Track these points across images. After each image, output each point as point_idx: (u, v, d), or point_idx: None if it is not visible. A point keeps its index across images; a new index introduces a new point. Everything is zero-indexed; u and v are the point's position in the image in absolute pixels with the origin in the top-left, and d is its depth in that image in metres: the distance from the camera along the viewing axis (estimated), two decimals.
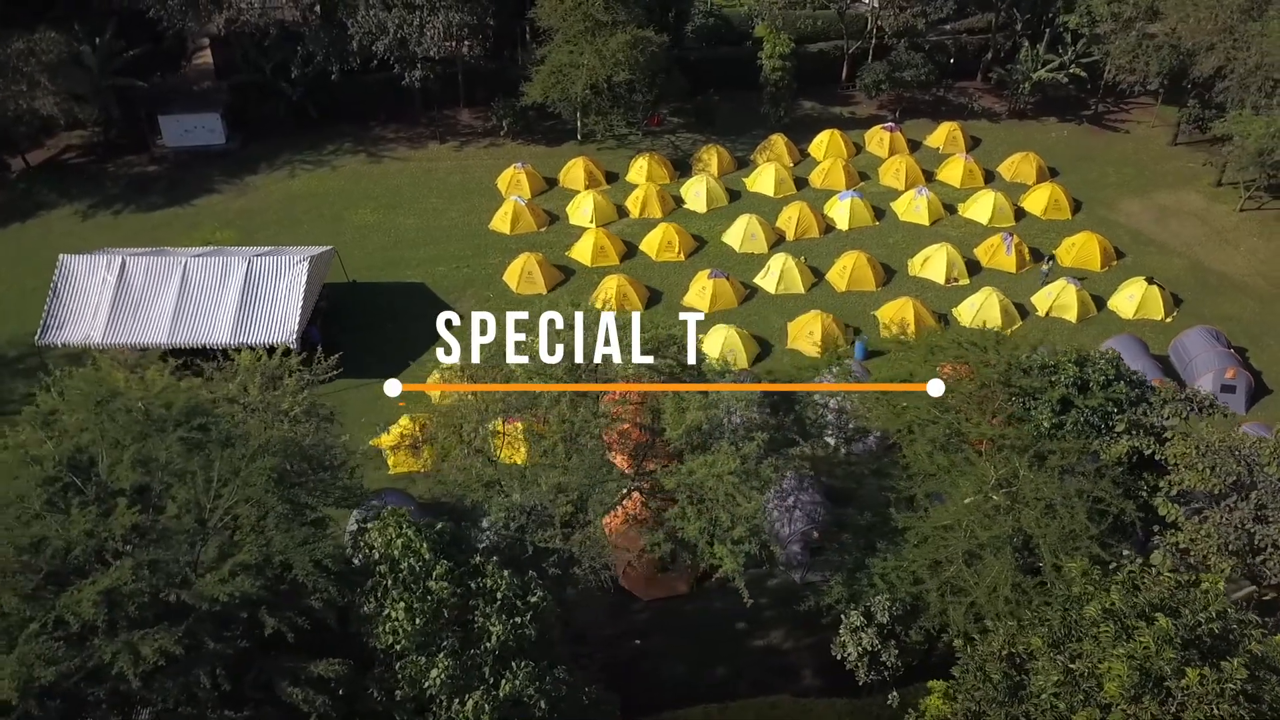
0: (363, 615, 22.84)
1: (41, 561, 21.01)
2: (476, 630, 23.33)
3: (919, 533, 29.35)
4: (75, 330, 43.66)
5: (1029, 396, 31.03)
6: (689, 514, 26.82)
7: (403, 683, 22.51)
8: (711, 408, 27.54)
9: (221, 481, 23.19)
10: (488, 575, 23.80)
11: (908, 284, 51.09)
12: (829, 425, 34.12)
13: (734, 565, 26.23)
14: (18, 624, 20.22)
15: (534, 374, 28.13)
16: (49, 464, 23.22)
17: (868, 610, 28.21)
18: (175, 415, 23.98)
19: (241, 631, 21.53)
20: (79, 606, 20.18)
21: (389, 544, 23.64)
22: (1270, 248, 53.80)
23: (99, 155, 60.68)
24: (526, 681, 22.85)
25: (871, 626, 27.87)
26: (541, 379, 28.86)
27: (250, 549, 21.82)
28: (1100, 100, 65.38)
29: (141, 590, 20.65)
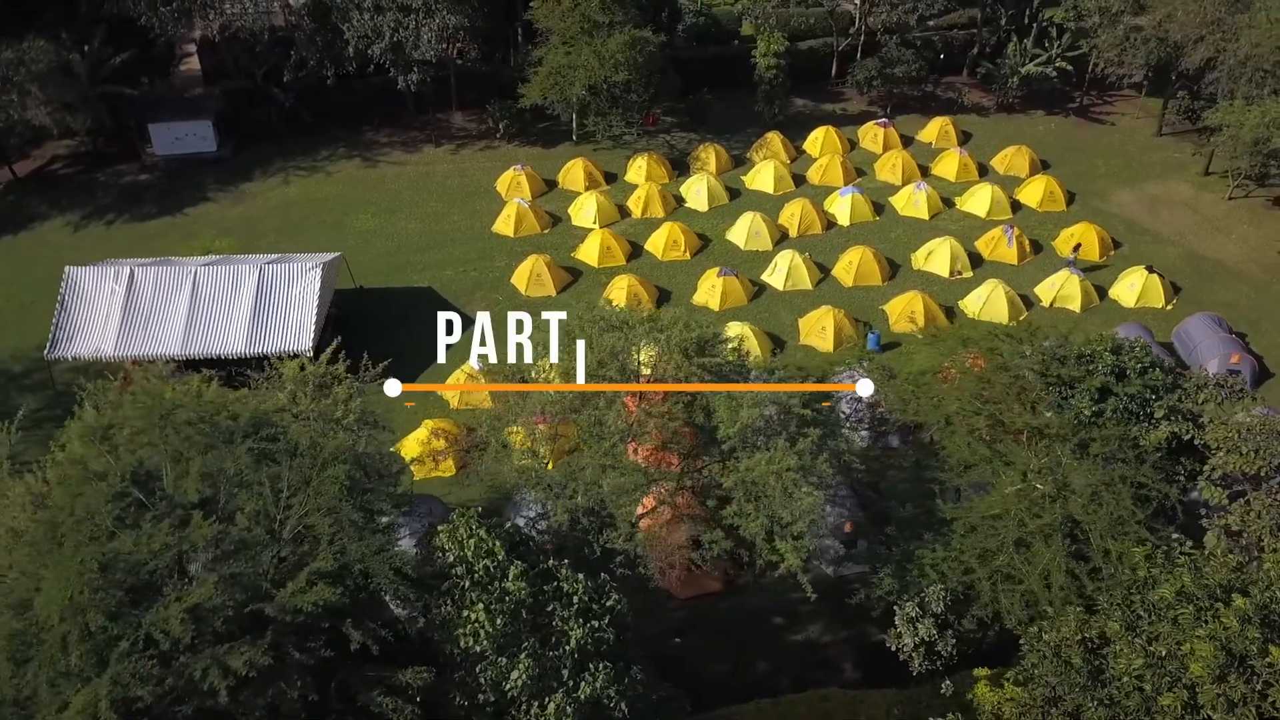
0: (441, 619, 22.75)
1: (122, 578, 20.70)
2: (554, 632, 23.33)
3: (966, 522, 29.76)
4: (85, 343, 42.94)
5: (1066, 386, 31.56)
6: (749, 511, 26.99)
7: (485, 686, 22.46)
8: (765, 406, 27.70)
9: (291, 491, 23.01)
10: (562, 579, 23.82)
11: (912, 278, 51.61)
12: (862, 419, 34.49)
13: (797, 561, 26.45)
14: (106, 643, 19.91)
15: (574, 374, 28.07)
16: (114, 479, 22.85)
17: (922, 601, 28.49)
18: (244, 426, 23.70)
19: (324, 642, 21.34)
20: (167, 624, 19.92)
21: (462, 545, 23.61)
22: (1260, 235, 54.99)
23: (88, 165, 59.66)
24: (606, 683, 22.90)
25: (928, 617, 28.16)
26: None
27: (327, 557, 21.66)
28: (1084, 93, 66.41)
29: (226, 605, 20.43)
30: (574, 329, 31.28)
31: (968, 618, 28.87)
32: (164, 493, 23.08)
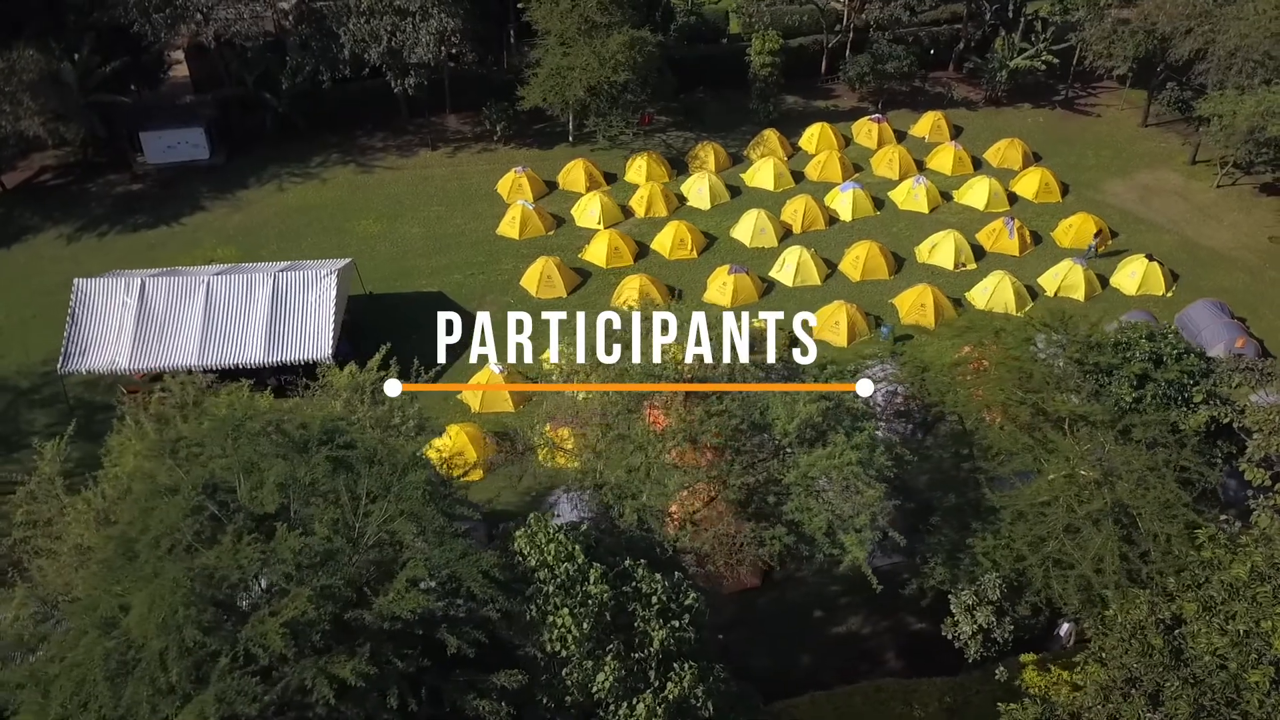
0: (527, 623, 22.69)
1: (215, 593, 20.44)
2: (637, 633, 23.37)
3: (1013, 510, 30.19)
4: (99, 356, 42.27)
5: (1104, 373, 32.11)
6: (812, 506, 27.19)
7: (572, 689, 22.45)
8: (821, 401, 27.92)
9: (370, 499, 22.84)
10: (640, 579, 23.86)
11: (917, 271, 52.20)
12: (899, 412, 34.83)
13: (862, 554, 26.70)
14: (206, 659, 19.66)
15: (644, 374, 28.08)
16: (188, 492, 22.52)
17: (979, 589, 28.86)
18: (318, 434, 23.48)
19: (420, 649, 21.21)
20: (266, 638, 19.70)
21: (541, 550, 23.58)
22: (1251, 221, 56.24)
23: (78, 175, 58.65)
24: (693, 683, 22.98)
25: (985, 604, 28.53)
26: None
27: (417, 564, 21.54)
28: (1069, 86, 67.47)
29: (322, 617, 20.23)
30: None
31: (1021, 604, 29.27)
32: (237, 504, 22.82)
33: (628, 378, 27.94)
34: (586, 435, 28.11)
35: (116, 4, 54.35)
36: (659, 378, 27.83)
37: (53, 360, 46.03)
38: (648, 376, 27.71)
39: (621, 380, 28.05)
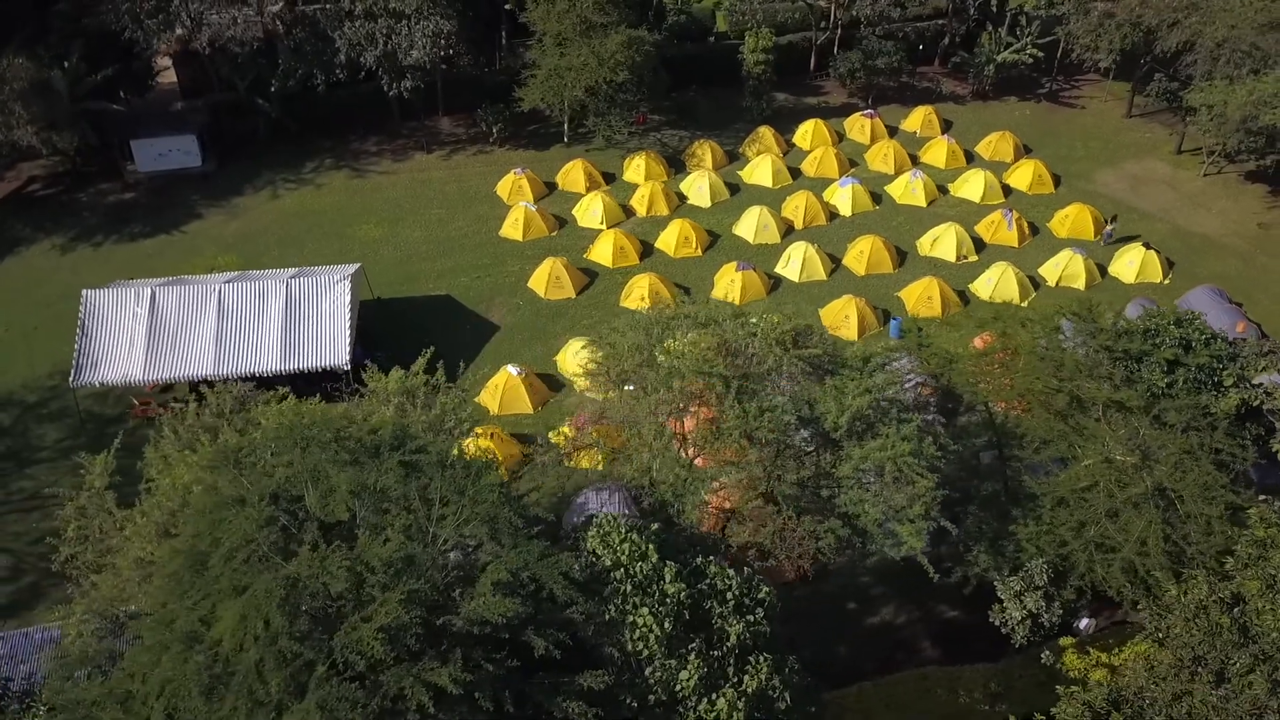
0: (606, 623, 22.76)
1: (305, 602, 20.31)
2: (714, 629, 23.53)
3: (1053, 497, 30.72)
4: (112, 369, 41.62)
5: (1134, 360, 32.74)
6: (866, 498, 27.49)
7: (656, 687, 22.56)
8: (870, 394, 28.22)
9: (443, 502, 22.79)
10: (712, 575, 24.02)
11: (920, 264, 52.78)
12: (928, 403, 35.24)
13: (919, 543, 27.05)
14: (302, 668, 19.52)
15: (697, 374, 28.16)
16: (259, 504, 22.30)
17: (1026, 575, 29.31)
18: (389, 440, 23.37)
19: (508, 652, 21.21)
20: (361, 645, 19.62)
21: (614, 549, 23.66)
22: (1239, 209, 57.46)
23: (67, 185, 57.57)
24: (770, 675, 23.19)
25: (1035, 589, 28.98)
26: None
27: (498, 568, 21.52)
28: (1053, 79, 68.48)
29: (414, 622, 20.16)
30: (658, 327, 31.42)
31: (1067, 588, 29.79)
32: (306, 513, 22.67)
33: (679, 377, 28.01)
34: (641, 433, 28.13)
35: (107, 10, 53.47)
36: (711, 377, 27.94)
37: (58, 373, 45.45)
38: (700, 375, 27.82)
39: (671, 380, 28.09)
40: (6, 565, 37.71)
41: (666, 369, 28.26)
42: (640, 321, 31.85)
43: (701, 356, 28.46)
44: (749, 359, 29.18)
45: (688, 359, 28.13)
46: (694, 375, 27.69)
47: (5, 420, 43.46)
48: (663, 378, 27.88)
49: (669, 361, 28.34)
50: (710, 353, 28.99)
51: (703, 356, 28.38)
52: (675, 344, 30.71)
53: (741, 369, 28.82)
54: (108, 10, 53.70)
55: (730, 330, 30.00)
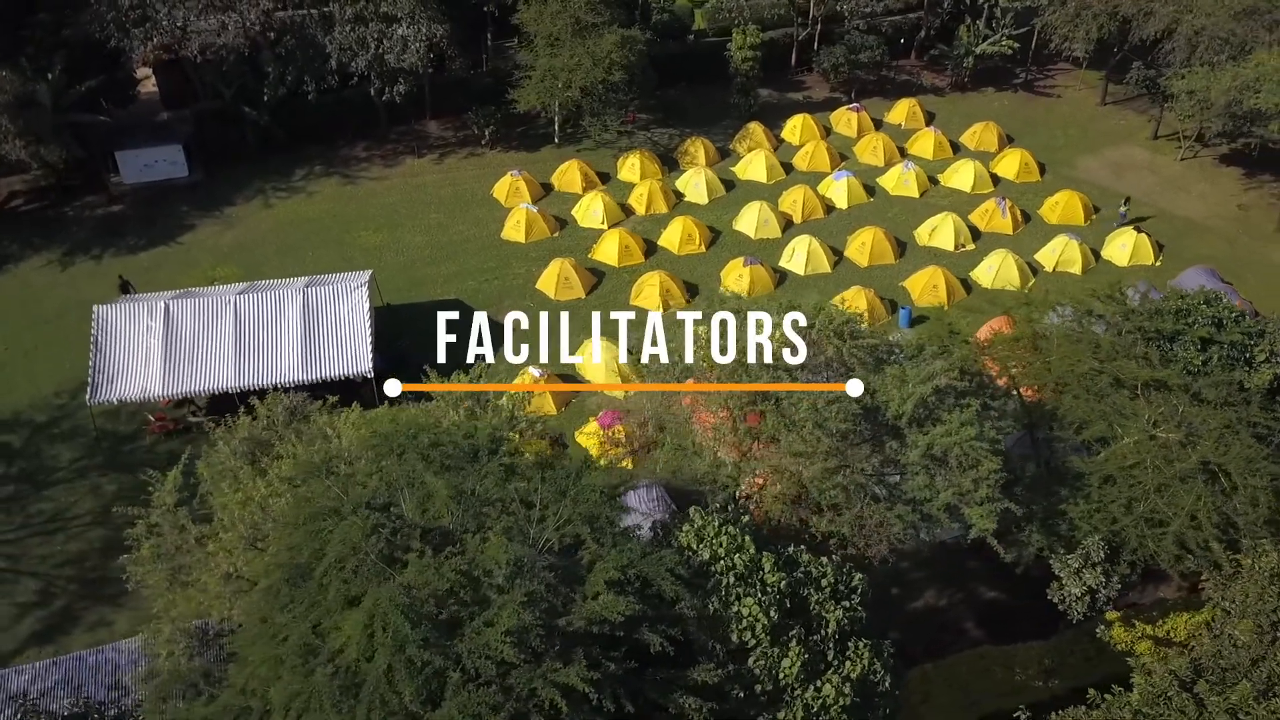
0: (711, 616, 22.93)
1: (424, 608, 20.19)
2: (812, 616, 23.82)
3: (1099, 475, 31.48)
4: (128, 385, 40.81)
5: (1166, 340, 33.66)
6: (936, 483, 27.97)
7: (761, 677, 22.80)
8: (931, 380, 28.71)
9: (544, 504, 22.80)
10: (806, 563, 24.31)
11: (920, 254, 53.64)
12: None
13: (991, 524, 27.58)
14: (433, 675, 19.41)
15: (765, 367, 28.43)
16: (362, 514, 22.09)
17: (1085, 552, 30.00)
18: (487, 444, 23.30)
19: (625, 650, 21.29)
20: (489, 649, 19.57)
21: (710, 543, 23.84)
22: (1218, 191, 59.21)
23: (51, 200, 56.20)
24: (871, 659, 23.55)
25: (1096, 565, 29.66)
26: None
27: (607, 567, 21.59)
28: (1027, 70, 69.92)
29: (536, 623, 20.15)
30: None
31: (1121, 564, 30.55)
32: (405, 520, 22.54)
33: (747, 375, 28.25)
34: (717, 429, 28.31)
35: (90, 20, 52.30)
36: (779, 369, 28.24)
37: (65, 391, 44.56)
38: (765, 374, 28.10)
39: (735, 378, 28.33)
40: (35, 589, 36.81)
41: (734, 363, 28.46)
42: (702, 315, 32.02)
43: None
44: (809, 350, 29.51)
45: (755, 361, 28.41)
46: (762, 368, 27.95)
47: (16, 442, 42.37)
48: (731, 371, 28.10)
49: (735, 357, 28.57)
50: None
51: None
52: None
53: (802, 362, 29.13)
54: (91, 20, 52.53)
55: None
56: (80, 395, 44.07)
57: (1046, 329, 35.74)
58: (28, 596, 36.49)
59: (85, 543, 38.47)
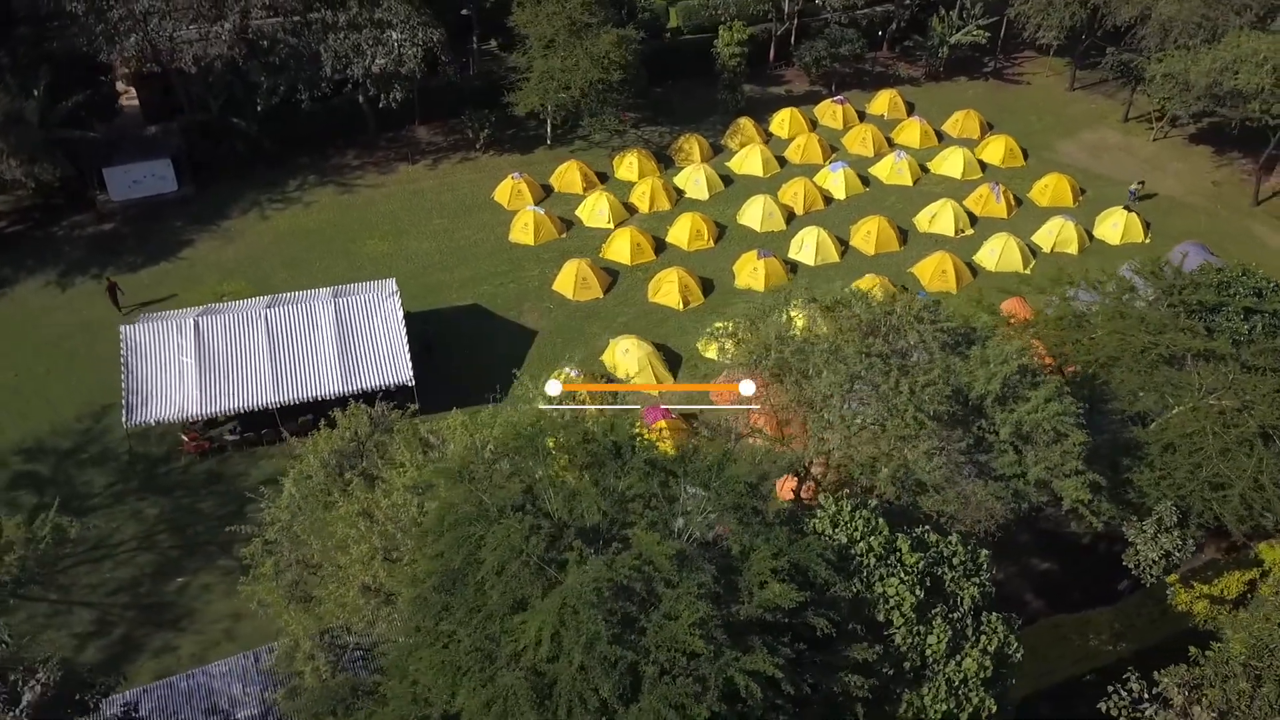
0: (855, 598, 23.41)
1: (610, 605, 20.32)
2: (947, 593, 24.46)
3: (1161, 444, 32.76)
4: (165, 405, 39.86)
5: (1209, 311, 35.11)
6: (1026, 459, 28.84)
7: (910, 654, 23.37)
8: (1014, 359, 29.60)
9: (688, 497, 23.06)
10: (934, 542, 24.95)
11: (922, 240, 54.87)
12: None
13: (1084, 494, 28.56)
14: (627, 670, 19.56)
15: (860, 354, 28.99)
16: (514, 514, 22.09)
17: (1160, 517, 31.17)
18: (629, 440, 23.45)
19: (792, 635, 21.67)
20: (677, 640, 19.79)
21: (846, 527, 24.34)
22: (1192, 170, 61.65)
23: (36, 220, 54.43)
24: (1006, 632, 24.29)
25: (1172, 530, 30.82)
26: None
27: (764, 556, 21.94)
28: (996, 58, 71.86)
29: (712, 614, 20.42)
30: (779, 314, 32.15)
31: (1191, 526, 31.83)
32: (558, 519, 22.59)
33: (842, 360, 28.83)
34: (818, 415, 28.79)
35: (79, 33, 50.82)
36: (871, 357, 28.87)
37: (87, 415, 43.43)
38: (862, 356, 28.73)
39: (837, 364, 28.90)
40: (91, 619, 35.82)
41: (827, 350, 28.96)
42: (764, 305, 32.52)
43: (848, 339, 29.31)
44: (888, 335, 30.19)
45: (847, 338, 28.97)
46: (857, 357, 28.53)
47: (44, 470, 41.06)
48: (825, 360, 28.61)
49: (826, 344, 29.10)
50: (853, 334, 29.86)
51: (851, 339, 29.22)
52: (800, 325, 31.71)
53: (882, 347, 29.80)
54: (78, 33, 51.04)
55: (862, 309, 30.95)
56: (104, 419, 43.08)
57: (1089, 306, 37.01)
58: (84, 626, 35.48)
59: (135, 568, 37.53)
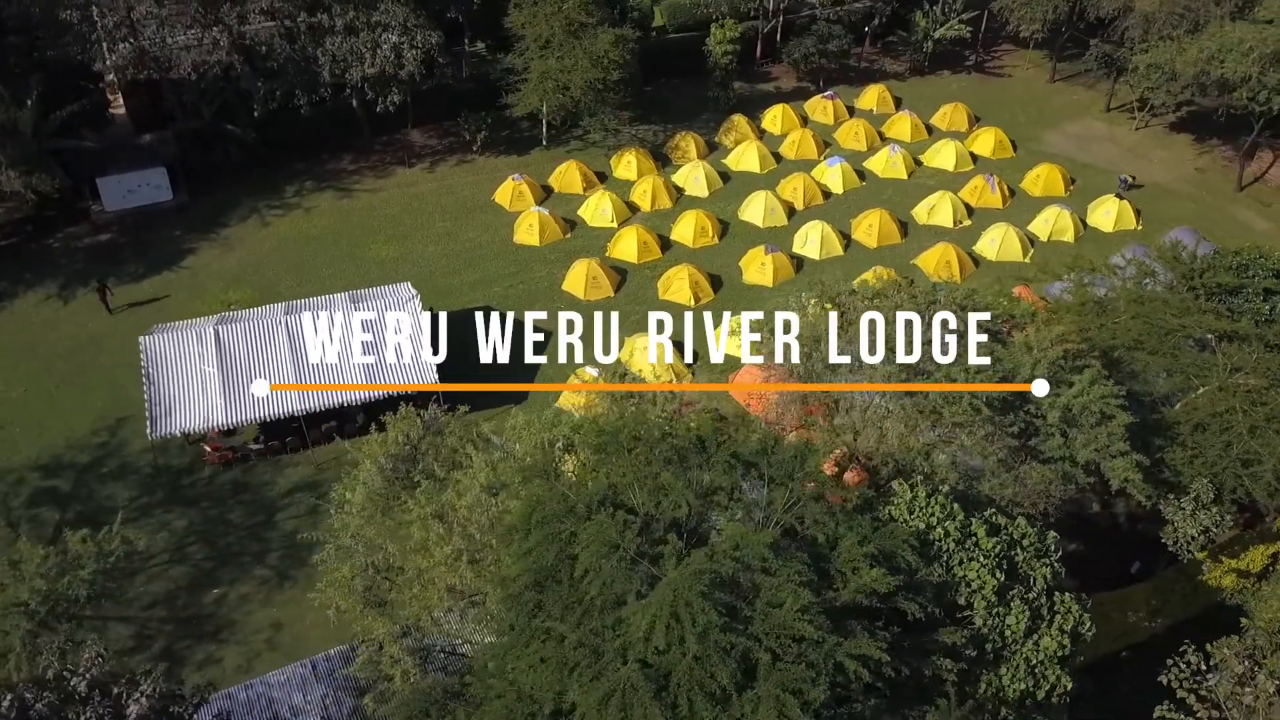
0: (937, 582, 23.84)
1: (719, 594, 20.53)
2: (1020, 575, 24.98)
3: (1192, 423, 33.63)
4: (190, 415, 39.39)
5: (1228, 293, 36.09)
6: (1075, 442, 29.50)
7: (991, 635, 23.85)
8: (1057, 345, 30.28)
9: (773, 485, 23.36)
10: (1004, 525, 25.46)
11: (922, 232, 55.63)
12: None
13: (1134, 474, 29.28)
14: (740, 658, 19.79)
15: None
16: (606, 510, 22.21)
17: (1197, 495, 32.01)
18: (713, 434, 23.68)
19: (884, 620, 22.04)
20: (785, 627, 20.06)
21: (921, 514, 24.77)
22: (1175, 157, 63.13)
23: (31, 232, 53.43)
24: (1079, 611, 24.86)
25: (1211, 506, 31.66)
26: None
27: (852, 543, 22.30)
28: (976, 51, 73.00)
29: (812, 602, 20.72)
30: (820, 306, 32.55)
31: (1225, 503, 32.71)
32: (647, 513, 22.76)
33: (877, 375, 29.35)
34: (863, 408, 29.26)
35: (73, 41, 49.97)
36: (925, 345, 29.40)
37: (103, 428, 42.84)
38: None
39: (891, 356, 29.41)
40: (129, 634, 35.35)
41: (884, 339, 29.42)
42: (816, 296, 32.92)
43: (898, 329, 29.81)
44: (929, 324, 30.71)
45: (901, 330, 29.45)
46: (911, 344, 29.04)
47: (64, 485, 40.42)
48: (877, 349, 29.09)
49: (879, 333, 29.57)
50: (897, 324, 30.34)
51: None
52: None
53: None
54: (72, 41, 50.19)
55: (905, 300, 31.45)
56: (120, 431, 42.55)
57: (1111, 291, 37.87)
58: (123, 642, 34.96)
59: (168, 581, 37.08)
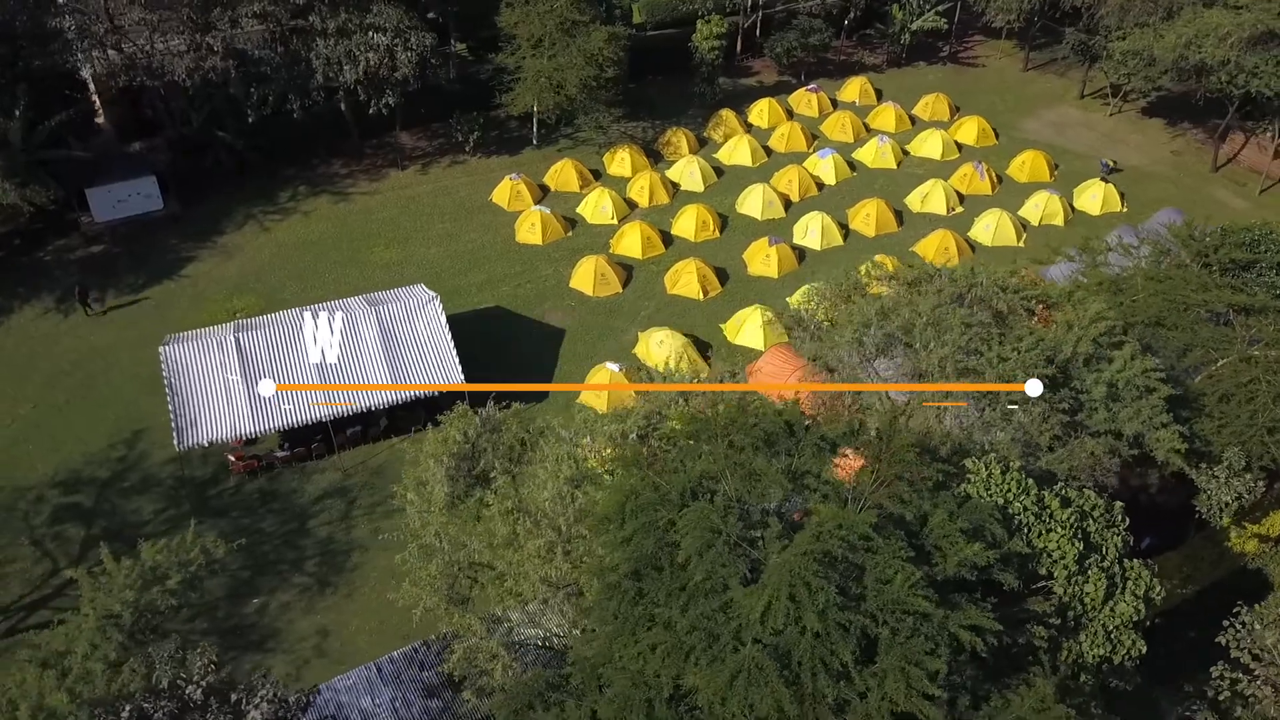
0: (1019, 553, 24.42)
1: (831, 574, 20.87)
2: (1092, 544, 25.68)
3: (1217, 394, 34.71)
4: (216, 425, 38.80)
5: (1240, 269, 37.28)
6: (1120, 415, 30.35)
7: (1073, 603, 24.51)
8: (1102, 322, 31.13)
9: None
10: (1073, 498, 26.16)
11: (917, 220, 56.58)
12: None
13: (1179, 444, 30.19)
14: (860, 635, 20.17)
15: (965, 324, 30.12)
16: (703, 497, 22.45)
17: (1229, 463, 33.06)
18: (799, 420, 24.02)
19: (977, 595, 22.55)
20: (900, 603, 20.48)
21: (998, 488, 25.37)
22: (1150, 141, 64.89)
23: (18, 246, 52.21)
24: (1150, 578, 25.64)
25: (1236, 475, 32.70)
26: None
27: (941, 518, 22.79)
28: (950, 42, 74.32)
29: (919, 575, 21.16)
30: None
31: (1255, 470, 33.82)
32: (744, 500, 23.04)
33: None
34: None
35: (62, 49, 48.95)
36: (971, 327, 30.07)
37: (120, 442, 42.19)
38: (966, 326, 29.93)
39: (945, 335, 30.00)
40: (174, 647, 34.60)
41: (930, 322, 30.01)
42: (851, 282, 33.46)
43: (946, 310, 30.43)
44: (974, 305, 31.40)
45: (948, 313, 30.07)
46: (961, 327, 29.66)
47: (86, 501, 39.63)
48: (932, 333, 29.66)
49: (932, 316, 30.18)
50: (945, 306, 30.98)
51: (952, 310, 30.36)
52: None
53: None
54: (60, 49, 49.17)
55: (948, 282, 32.11)
56: (138, 444, 41.90)
57: (1124, 270, 38.91)
58: (168, 652, 34.32)
59: (206, 592, 36.22)
